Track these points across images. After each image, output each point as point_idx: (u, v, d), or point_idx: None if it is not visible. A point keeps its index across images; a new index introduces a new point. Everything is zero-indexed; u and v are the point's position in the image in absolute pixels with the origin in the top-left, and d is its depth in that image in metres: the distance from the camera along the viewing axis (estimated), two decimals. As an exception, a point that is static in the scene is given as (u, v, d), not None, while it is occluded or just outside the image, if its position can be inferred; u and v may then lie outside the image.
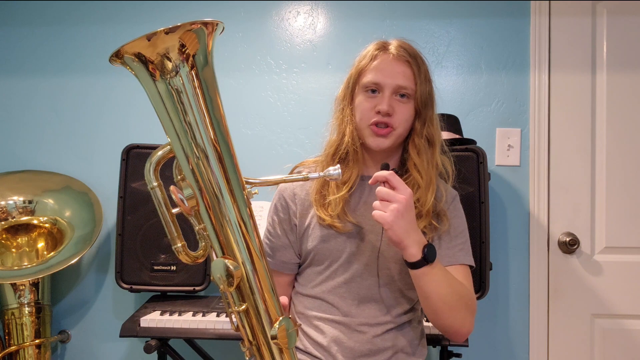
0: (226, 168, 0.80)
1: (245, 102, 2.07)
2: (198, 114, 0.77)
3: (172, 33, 0.73)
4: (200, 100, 0.78)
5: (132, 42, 0.72)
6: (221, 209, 0.80)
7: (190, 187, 0.80)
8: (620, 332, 1.90)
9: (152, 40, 0.73)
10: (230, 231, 0.81)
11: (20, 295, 1.83)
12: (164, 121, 0.79)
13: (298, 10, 2.09)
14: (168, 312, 1.63)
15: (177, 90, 0.76)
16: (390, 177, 1.07)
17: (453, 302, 1.11)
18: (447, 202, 1.25)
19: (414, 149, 1.22)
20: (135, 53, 0.74)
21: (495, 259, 1.89)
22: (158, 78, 0.75)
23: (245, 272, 0.82)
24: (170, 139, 0.80)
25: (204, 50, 0.77)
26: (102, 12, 2.11)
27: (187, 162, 0.79)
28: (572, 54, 1.96)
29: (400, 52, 1.20)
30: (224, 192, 0.80)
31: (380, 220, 1.05)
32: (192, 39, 0.75)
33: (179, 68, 0.75)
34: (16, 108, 2.13)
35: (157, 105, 0.78)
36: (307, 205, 1.25)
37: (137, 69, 0.76)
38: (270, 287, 0.85)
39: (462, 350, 1.66)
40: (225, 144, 0.81)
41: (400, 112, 1.19)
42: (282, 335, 0.83)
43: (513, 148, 1.97)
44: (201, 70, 0.78)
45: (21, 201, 1.94)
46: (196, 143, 0.78)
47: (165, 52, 0.74)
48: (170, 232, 0.84)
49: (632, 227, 1.91)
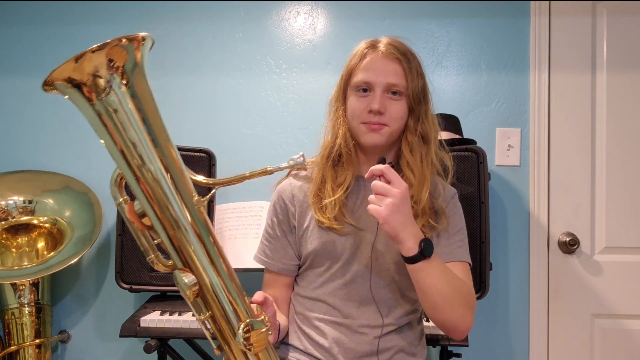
0: (174, 178, 0.79)
1: (245, 102, 2.06)
2: (138, 129, 0.76)
3: (99, 51, 0.72)
4: (136, 114, 0.75)
5: (60, 66, 0.70)
6: (175, 221, 0.79)
7: (140, 203, 0.80)
8: (620, 332, 1.90)
9: (80, 62, 0.71)
10: (187, 241, 0.80)
11: (20, 295, 1.83)
12: (107, 143, 0.77)
13: (298, 10, 2.09)
14: (168, 312, 1.63)
15: (115, 109, 0.74)
16: (386, 170, 1.05)
17: (451, 297, 1.10)
18: (446, 200, 1.24)
19: (407, 147, 1.20)
20: (66, 78, 0.72)
21: (495, 259, 1.89)
22: (95, 101, 0.73)
23: (207, 281, 0.82)
24: (114, 159, 0.78)
25: (133, 60, 0.75)
26: (102, 12, 2.11)
27: (135, 180, 0.78)
28: (572, 54, 1.96)
29: (390, 49, 1.19)
30: (174, 204, 0.79)
31: (375, 214, 1.04)
32: (120, 53, 0.73)
33: (111, 82, 0.73)
34: (16, 108, 2.13)
35: (98, 129, 0.76)
36: (305, 207, 1.25)
37: (72, 94, 0.73)
38: (236, 291, 0.84)
39: (462, 350, 1.66)
40: (169, 154, 0.79)
41: (393, 110, 1.17)
42: (250, 339, 0.83)
43: (513, 148, 1.97)
44: (132, 79, 0.75)
45: (21, 201, 1.94)
46: (141, 159, 0.76)
47: (95, 71, 0.72)
48: (142, 245, 0.84)
49: (632, 227, 1.91)
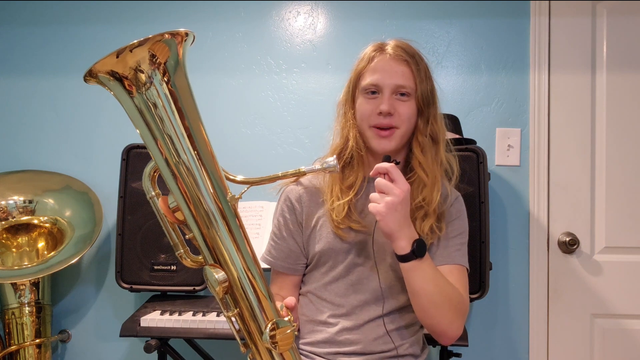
0: (210, 175, 0.80)
1: (246, 101, 2.06)
2: (176, 125, 0.77)
3: (141, 46, 0.72)
4: (175, 110, 0.77)
5: (102, 60, 0.72)
6: (208, 217, 0.80)
7: (174, 198, 0.81)
8: (620, 332, 1.90)
9: (121, 57, 0.72)
10: (219, 238, 0.81)
11: (20, 294, 1.83)
12: (144, 136, 0.78)
13: (298, 10, 2.09)
14: (168, 311, 1.63)
15: (154, 103, 0.76)
16: (391, 169, 1.06)
17: (440, 301, 1.10)
18: (449, 203, 1.24)
19: (418, 147, 1.21)
20: (109, 71, 0.73)
21: (495, 258, 1.89)
22: (135, 94, 0.75)
23: (237, 278, 0.83)
24: (151, 152, 0.79)
25: (175, 57, 0.77)
26: (102, 12, 2.11)
27: (171, 174, 0.79)
28: (572, 54, 1.96)
29: (398, 51, 1.20)
30: (208, 200, 0.80)
31: (374, 211, 1.06)
32: (162, 48, 0.75)
33: (152, 77, 0.75)
34: (16, 108, 2.13)
35: (136, 121, 0.78)
36: (312, 208, 1.25)
37: (113, 86, 0.75)
38: (265, 290, 0.85)
39: (462, 350, 1.66)
40: (206, 149, 0.80)
41: (402, 111, 1.18)
42: (275, 337, 0.83)
43: (513, 148, 1.97)
44: (174, 76, 0.77)
45: (21, 201, 1.94)
46: (177, 154, 0.78)
47: (137, 65, 0.73)
48: (172, 239, 0.85)
49: (631, 227, 1.91)
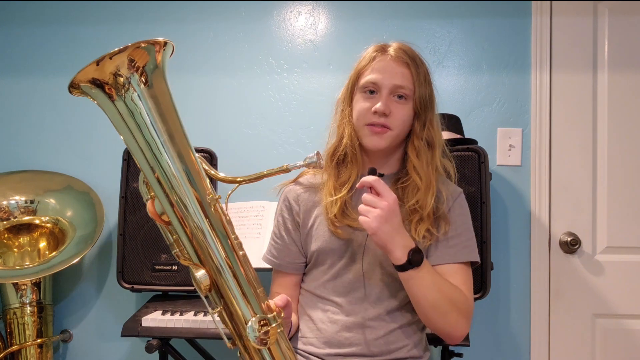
0: (190, 176, 0.81)
1: (247, 102, 2.06)
2: (156, 128, 0.79)
3: (121, 53, 0.74)
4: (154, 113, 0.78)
5: (83, 69, 0.74)
6: (187, 218, 0.82)
7: (159, 200, 0.82)
8: (622, 332, 1.90)
9: (101, 64, 0.74)
10: (203, 238, 0.82)
11: (22, 294, 1.83)
12: (128, 141, 0.79)
13: (299, 10, 2.09)
14: (169, 311, 1.63)
15: (135, 107, 0.77)
16: (375, 183, 1.08)
17: (443, 306, 1.11)
18: (449, 203, 1.24)
19: (413, 151, 1.22)
20: (90, 79, 0.75)
21: (496, 258, 1.89)
22: (115, 97, 0.76)
23: (221, 276, 0.84)
24: (135, 156, 0.81)
25: (154, 62, 0.78)
26: (102, 12, 2.11)
27: (152, 176, 0.80)
28: (574, 54, 1.96)
29: (399, 53, 1.20)
30: (191, 201, 0.81)
31: (365, 226, 1.07)
32: (141, 54, 0.77)
33: (130, 79, 0.76)
34: (17, 108, 2.13)
35: (119, 127, 0.79)
36: (310, 207, 1.26)
37: (95, 94, 0.77)
38: (249, 287, 0.86)
39: (464, 350, 1.66)
40: (186, 153, 0.81)
41: (398, 113, 1.18)
42: (260, 331, 0.84)
43: (514, 148, 1.97)
44: (152, 78, 0.78)
45: (23, 201, 1.94)
46: (156, 158, 0.79)
47: (116, 70, 0.75)
48: (167, 239, 0.87)
49: (633, 227, 1.91)
